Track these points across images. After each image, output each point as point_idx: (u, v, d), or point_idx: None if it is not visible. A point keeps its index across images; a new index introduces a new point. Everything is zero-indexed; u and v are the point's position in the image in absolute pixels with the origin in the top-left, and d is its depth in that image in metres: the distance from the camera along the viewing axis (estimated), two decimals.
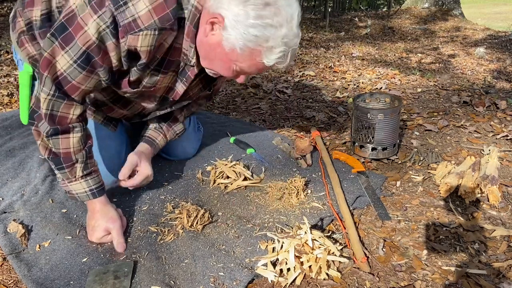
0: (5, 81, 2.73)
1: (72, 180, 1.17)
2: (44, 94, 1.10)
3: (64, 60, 1.07)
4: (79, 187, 1.18)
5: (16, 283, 1.05)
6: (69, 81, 1.10)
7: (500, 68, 3.44)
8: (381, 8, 8.05)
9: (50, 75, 1.09)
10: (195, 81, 1.36)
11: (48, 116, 1.11)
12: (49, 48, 1.07)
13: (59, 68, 1.08)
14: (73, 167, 1.16)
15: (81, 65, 1.07)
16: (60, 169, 1.16)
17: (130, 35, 1.03)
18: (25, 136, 1.85)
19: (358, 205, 1.36)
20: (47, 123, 1.12)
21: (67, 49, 1.06)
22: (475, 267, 1.08)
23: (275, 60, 1.06)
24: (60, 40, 1.05)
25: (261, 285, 1.03)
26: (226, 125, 2.06)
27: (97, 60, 1.07)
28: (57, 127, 1.13)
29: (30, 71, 1.41)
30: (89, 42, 1.04)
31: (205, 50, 1.13)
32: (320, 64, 3.54)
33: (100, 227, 1.19)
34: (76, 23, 1.03)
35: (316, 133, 1.90)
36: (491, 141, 1.86)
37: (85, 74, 1.09)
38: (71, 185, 1.17)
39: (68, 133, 1.14)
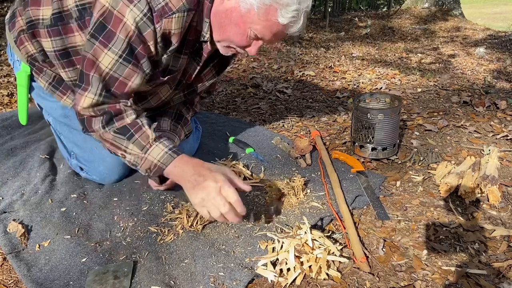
0: (5, 81, 2.73)
1: (147, 147, 1.12)
2: (91, 94, 1.12)
3: (108, 58, 1.09)
4: (157, 151, 1.12)
5: (16, 283, 1.05)
6: (116, 78, 1.12)
7: (500, 68, 3.44)
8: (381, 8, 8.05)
9: (97, 75, 1.11)
10: (210, 68, 1.41)
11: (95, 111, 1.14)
12: (91, 50, 1.10)
13: (103, 68, 1.10)
14: (142, 131, 1.14)
15: (126, 58, 1.10)
16: (130, 137, 1.12)
17: (164, 19, 1.07)
18: (26, 136, 1.85)
19: (357, 205, 1.36)
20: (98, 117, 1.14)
21: (110, 46, 1.08)
22: (475, 267, 1.08)
23: (289, 18, 1.09)
24: (101, 39, 1.08)
25: (261, 285, 1.03)
26: (225, 124, 2.06)
27: (139, 50, 1.10)
28: (110, 112, 1.14)
29: (27, 71, 1.41)
30: (130, 33, 1.07)
31: (220, 18, 1.15)
32: (320, 64, 3.54)
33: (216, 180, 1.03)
34: (114, 18, 1.07)
35: (315, 133, 1.90)
36: (491, 141, 1.86)
37: (131, 68, 1.12)
38: (148, 155, 1.12)
39: (121, 115, 1.15)
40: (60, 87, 1.39)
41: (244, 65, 3.41)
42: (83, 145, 1.46)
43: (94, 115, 1.15)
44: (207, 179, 1.05)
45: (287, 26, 1.12)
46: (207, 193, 1.03)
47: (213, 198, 1.03)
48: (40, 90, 1.44)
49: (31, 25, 1.31)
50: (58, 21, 1.26)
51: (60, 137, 1.53)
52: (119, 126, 1.15)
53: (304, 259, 1.05)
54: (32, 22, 1.30)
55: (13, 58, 1.47)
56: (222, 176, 1.06)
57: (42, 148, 1.69)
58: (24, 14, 1.32)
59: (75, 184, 1.47)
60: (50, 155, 1.66)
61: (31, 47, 1.34)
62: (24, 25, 1.32)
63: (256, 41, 1.18)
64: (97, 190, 1.45)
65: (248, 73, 3.19)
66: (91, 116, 1.16)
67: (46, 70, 1.37)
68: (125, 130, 1.14)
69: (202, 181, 1.05)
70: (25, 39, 1.33)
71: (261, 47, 1.21)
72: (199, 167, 1.09)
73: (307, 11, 1.13)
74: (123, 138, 1.14)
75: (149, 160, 1.13)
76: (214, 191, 1.03)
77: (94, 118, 1.15)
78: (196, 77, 1.41)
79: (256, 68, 3.35)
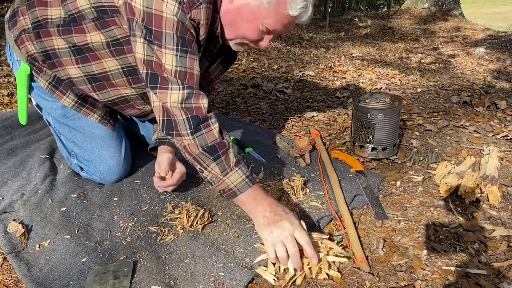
0: (5, 81, 2.73)
1: (227, 171, 1.12)
2: (175, 89, 1.12)
3: (169, 57, 1.11)
4: (236, 176, 1.13)
5: (16, 283, 1.05)
6: (185, 72, 1.13)
7: (500, 68, 3.44)
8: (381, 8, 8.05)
9: (168, 74, 1.12)
10: (217, 64, 1.44)
11: (185, 110, 1.12)
12: (153, 53, 1.11)
13: (170, 68, 1.11)
14: (227, 154, 1.13)
15: (183, 49, 1.12)
16: (216, 158, 1.12)
17: (194, 10, 1.09)
18: (26, 135, 1.86)
19: (356, 205, 1.36)
20: (185, 118, 1.12)
21: (163, 44, 1.10)
22: (475, 267, 1.08)
23: (299, 10, 1.12)
24: (154, 41, 1.10)
25: (261, 285, 1.03)
26: (224, 124, 2.06)
27: (188, 38, 1.12)
28: (198, 116, 1.12)
29: (27, 71, 1.40)
30: (175, 25, 1.09)
31: (231, 16, 1.17)
32: (320, 64, 3.54)
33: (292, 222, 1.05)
34: (154, 17, 1.08)
35: (315, 133, 1.90)
36: (491, 141, 1.86)
37: (190, 56, 1.13)
38: (228, 178, 1.12)
39: (207, 122, 1.14)
40: (60, 87, 1.39)
41: (244, 65, 3.41)
42: (83, 145, 1.46)
43: (181, 113, 1.12)
44: (283, 219, 1.06)
45: (297, 17, 1.15)
46: (281, 232, 1.04)
47: (286, 238, 1.04)
48: (39, 90, 1.44)
49: (38, 25, 1.30)
50: (72, 22, 1.26)
51: (60, 137, 1.53)
52: (206, 136, 1.13)
53: (305, 259, 1.06)
54: (39, 22, 1.30)
55: (12, 58, 1.46)
56: (296, 220, 1.08)
57: (42, 148, 1.70)
58: (28, 13, 1.31)
59: (75, 184, 1.47)
60: (50, 155, 1.66)
61: (32, 47, 1.33)
62: (28, 24, 1.32)
63: (267, 35, 1.21)
64: (97, 190, 1.45)
65: (248, 73, 3.19)
66: (176, 118, 1.13)
67: (46, 70, 1.37)
68: (213, 150, 1.12)
69: (279, 220, 1.06)
70: (27, 39, 1.33)
71: (272, 39, 1.25)
72: (275, 206, 1.11)
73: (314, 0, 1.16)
74: (209, 158, 1.12)
75: (226, 183, 1.13)
76: (288, 232, 1.04)
77: (179, 120, 1.12)
78: (204, 73, 1.42)
79: (256, 68, 3.36)
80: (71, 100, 1.41)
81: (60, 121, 1.47)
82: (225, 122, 2.10)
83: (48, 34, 1.30)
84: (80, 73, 1.34)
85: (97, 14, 1.22)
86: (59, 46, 1.31)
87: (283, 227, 1.05)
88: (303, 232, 1.05)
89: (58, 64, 1.34)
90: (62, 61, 1.33)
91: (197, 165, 1.16)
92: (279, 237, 1.04)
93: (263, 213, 1.09)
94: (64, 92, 1.40)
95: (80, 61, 1.32)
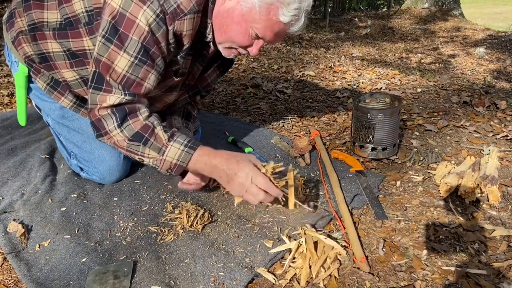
0: (5, 81, 2.73)
1: (163, 149, 1.13)
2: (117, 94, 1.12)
3: (124, 60, 1.09)
4: (174, 150, 1.13)
5: (16, 283, 1.05)
6: (133, 80, 1.12)
7: (500, 68, 3.44)
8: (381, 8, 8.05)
9: (115, 78, 1.11)
10: (213, 68, 1.42)
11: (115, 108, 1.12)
12: (106, 53, 1.09)
13: (120, 71, 1.10)
14: (154, 133, 1.14)
15: (142, 59, 1.10)
16: (146, 142, 1.13)
17: (177, 21, 1.08)
18: (26, 135, 1.85)
19: (356, 205, 1.36)
20: (111, 112, 1.12)
21: (124, 48, 1.08)
22: (475, 267, 1.08)
23: (290, 17, 1.09)
24: (115, 41, 1.08)
25: (261, 285, 1.03)
26: (224, 124, 2.06)
27: (154, 50, 1.11)
28: (125, 109, 1.13)
29: (25, 72, 1.40)
30: (144, 34, 1.07)
31: (221, 18, 1.15)
32: (320, 64, 3.54)
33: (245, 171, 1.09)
34: (126, 20, 1.07)
35: (315, 133, 1.90)
36: (491, 141, 1.86)
37: (146, 68, 1.12)
38: (167, 156, 1.13)
39: (135, 112, 1.15)
40: (58, 88, 1.39)
41: (244, 65, 3.41)
42: (83, 145, 1.46)
43: (110, 113, 1.13)
44: (237, 172, 1.10)
45: (288, 24, 1.12)
46: (242, 186, 1.10)
47: (248, 188, 1.09)
48: (38, 91, 1.44)
49: (33, 27, 1.30)
50: (68, 26, 1.26)
51: (59, 138, 1.53)
52: (133, 126, 1.13)
53: (305, 259, 1.06)
54: (36, 25, 1.30)
55: (11, 59, 1.47)
56: (250, 164, 1.11)
57: (42, 148, 1.69)
58: (25, 15, 1.32)
59: (75, 184, 1.47)
60: (50, 155, 1.66)
61: (29, 49, 1.33)
62: (25, 26, 1.32)
63: (257, 40, 1.18)
64: (97, 190, 1.45)
65: (248, 73, 3.19)
66: (103, 118, 1.13)
67: (43, 71, 1.37)
68: (138, 136, 1.13)
69: (234, 175, 1.10)
70: (24, 41, 1.33)
71: (262, 46, 1.21)
72: (225, 160, 1.12)
73: (308, 9, 1.13)
74: (139, 145, 1.13)
75: (168, 161, 1.14)
76: (247, 182, 1.09)
77: (106, 119, 1.13)
78: (200, 78, 1.41)
79: (256, 68, 3.36)
80: (70, 101, 1.41)
81: (59, 122, 1.47)
82: (225, 122, 2.10)
83: (43, 37, 1.31)
84: (75, 76, 1.34)
85: (88, 19, 1.23)
86: (53, 50, 1.31)
87: (240, 179, 1.10)
88: (259, 177, 1.09)
89: (54, 67, 1.34)
90: (57, 64, 1.33)
91: (134, 156, 1.16)
92: (243, 189, 1.10)
93: (219, 173, 1.13)
94: (62, 93, 1.40)
95: (75, 65, 1.32)
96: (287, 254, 1.12)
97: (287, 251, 1.13)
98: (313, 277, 1.04)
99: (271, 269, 1.08)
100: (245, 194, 1.11)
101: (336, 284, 1.02)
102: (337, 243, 1.11)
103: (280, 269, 1.07)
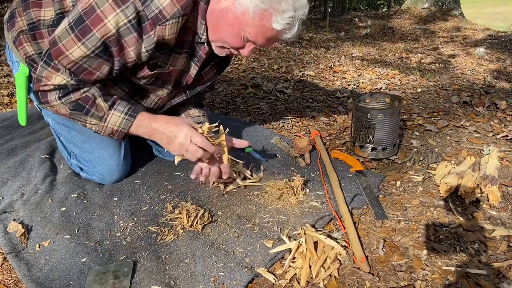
0: (5, 81, 2.73)
1: (105, 117, 1.19)
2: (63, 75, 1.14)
3: (79, 51, 1.10)
4: (115, 118, 1.20)
5: (16, 283, 1.05)
6: (85, 68, 1.14)
7: (500, 68, 3.44)
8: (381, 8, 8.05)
9: (64, 64, 1.13)
10: (210, 67, 1.42)
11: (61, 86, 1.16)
12: (64, 40, 1.10)
13: (72, 58, 1.11)
14: (95, 104, 1.18)
15: (99, 54, 1.11)
16: (87, 112, 1.18)
17: (158, 26, 1.09)
18: (26, 135, 1.85)
19: (356, 205, 1.36)
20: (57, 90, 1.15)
21: (84, 40, 1.09)
22: (475, 267, 1.08)
23: (284, 25, 1.09)
24: (77, 32, 1.08)
25: (261, 285, 1.03)
26: (224, 124, 2.05)
27: (113, 50, 1.11)
28: (68, 88, 1.16)
29: (26, 72, 1.40)
30: (108, 34, 1.08)
31: (215, 18, 1.15)
32: (320, 64, 3.54)
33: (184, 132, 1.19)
34: (94, 15, 1.07)
35: (315, 133, 1.90)
36: (491, 141, 1.86)
37: (102, 61, 1.14)
38: (108, 123, 1.20)
39: (78, 88, 1.18)
40: None
41: (244, 65, 3.41)
42: (83, 145, 1.46)
43: (53, 89, 1.16)
44: (177, 134, 1.20)
45: (281, 32, 1.12)
46: (181, 146, 1.20)
47: (188, 147, 1.20)
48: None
49: (32, 27, 1.30)
50: (60, 20, 1.25)
51: (59, 138, 1.53)
52: (73, 98, 1.17)
53: (305, 259, 1.06)
54: (34, 24, 1.30)
55: (12, 59, 1.47)
56: (187, 126, 1.21)
57: (42, 148, 1.69)
58: (25, 15, 1.32)
59: (75, 184, 1.47)
60: (50, 155, 1.66)
61: (30, 48, 1.33)
62: (25, 26, 1.32)
63: (249, 43, 1.18)
64: (97, 190, 1.45)
65: (248, 73, 3.19)
66: (46, 91, 1.17)
67: None
68: (79, 106, 1.18)
69: (174, 136, 1.20)
70: (25, 40, 1.33)
71: (254, 49, 1.22)
72: (165, 124, 1.22)
73: (302, 18, 1.13)
74: (80, 114, 1.19)
75: (109, 127, 1.21)
76: (186, 141, 1.19)
77: (49, 92, 1.17)
78: (197, 76, 1.41)
79: (256, 68, 3.36)
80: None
81: (59, 122, 1.47)
82: (225, 122, 2.09)
83: (41, 36, 1.31)
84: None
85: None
86: None
87: (181, 140, 1.20)
88: (197, 136, 1.20)
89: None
90: None
91: (77, 122, 1.22)
92: (183, 149, 1.21)
93: (160, 136, 1.23)
94: None
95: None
96: (287, 254, 1.12)
97: (287, 251, 1.13)
98: (313, 277, 1.04)
99: (271, 269, 1.08)
100: (185, 153, 1.21)
101: (336, 284, 1.02)
102: (337, 243, 1.11)
103: (280, 269, 1.07)
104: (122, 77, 1.31)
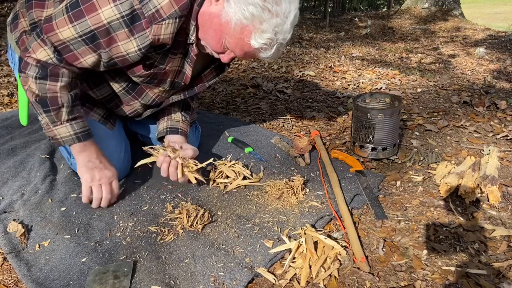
0: (5, 81, 2.73)
1: (57, 124, 1.22)
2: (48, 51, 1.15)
3: (69, 32, 1.12)
4: (64, 130, 1.23)
5: (16, 283, 1.05)
6: (70, 50, 1.15)
7: (500, 68, 3.44)
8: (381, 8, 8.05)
9: (52, 40, 1.14)
10: (210, 70, 1.45)
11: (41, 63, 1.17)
12: (58, 19, 1.12)
13: (61, 38, 1.13)
14: (59, 111, 1.20)
15: (86, 41, 1.13)
16: (46, 111, 1.20)
17: (154, 25, 1.10)
18: (27, 135, 1.85)
19: (355, 205, 1.36)
20: (37, 67, 1.17)
21: (75, 23, 1.11)
22: (475, 267, 1.08)
23: (261, 44, 1.12)
24: (71, 14, 1.11)
25: (261, 285, 1.03)
26: (224, 124, 2.06)
27: (102, 42, 1.13)
28: (47, 71, 1.17)
29: None
30: (99, 24, 1.10)
31: (204, 19, 1.18)
32: (320, 64, 3.54)
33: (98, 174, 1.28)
34: (90, 3, 1.09)
35: (315, 133, 1.90)
36: (491, 141, 1.86)
37: (87, 49, 1.15)
38: (56, 129, 1.22)
39: (56, 78, 1.18)
40: None
41: (244, 65, 3.41)
42: None
43: (35, 65, 1.17)
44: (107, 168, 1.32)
45: (258, 50, 1.15)
46: (102, 177, 1.30)
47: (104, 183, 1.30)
48: None
49: (34, 26, 1.32)
50: None
51: None
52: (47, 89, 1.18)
53: (305, 259, 1.06)
54: (36, 24, 1.32)
55: (14, 60, 1.48)
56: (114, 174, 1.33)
57: (42, 148, 1.69)
58: (28, 15, 1.33)
59: (75, 184, 1.47)
60: (50, 155, 1.66)
61: None
62: (28, 26, 1.33)
63: (229, 51, 1.21)
64: None
65: (248, 73, 3.19)
66: (28, 63, 1.18)
67: None
68: (44, 103, 1.19)
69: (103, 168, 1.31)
70: (27, 40, 1.33)
71: (234, 58, 1.24)
72: (101, 155, 1.32)
73: (282, 43, 1.16)
74: (41, 108, 1.20)
75: (54, 133, 1.23)
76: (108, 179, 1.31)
77: (30, 66, 1.17)
78: (197, 78, 1.42)
79: (256, 68, 3.36)
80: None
81: None
82: (225, 122, 2.10)
83: None
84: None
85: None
86: None
87: (105, 174, 1.29)
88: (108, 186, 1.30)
89: None
90: None
91: (34, 108, 1.23)
92: (100, 181, 1.29)
93: (89, 158, 1.29)
94: None
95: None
96: (287, 254, 1.12)
97: (287, 251, 1.13)
98: (313, 277, 1.04)
99: (271, 269, 1.08)
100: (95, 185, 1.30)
101: (336, 284, 1.02)
102: (337, 243, 1.12)
103: (280, 269, 1.07)
104: (120, 73, 1.32)
